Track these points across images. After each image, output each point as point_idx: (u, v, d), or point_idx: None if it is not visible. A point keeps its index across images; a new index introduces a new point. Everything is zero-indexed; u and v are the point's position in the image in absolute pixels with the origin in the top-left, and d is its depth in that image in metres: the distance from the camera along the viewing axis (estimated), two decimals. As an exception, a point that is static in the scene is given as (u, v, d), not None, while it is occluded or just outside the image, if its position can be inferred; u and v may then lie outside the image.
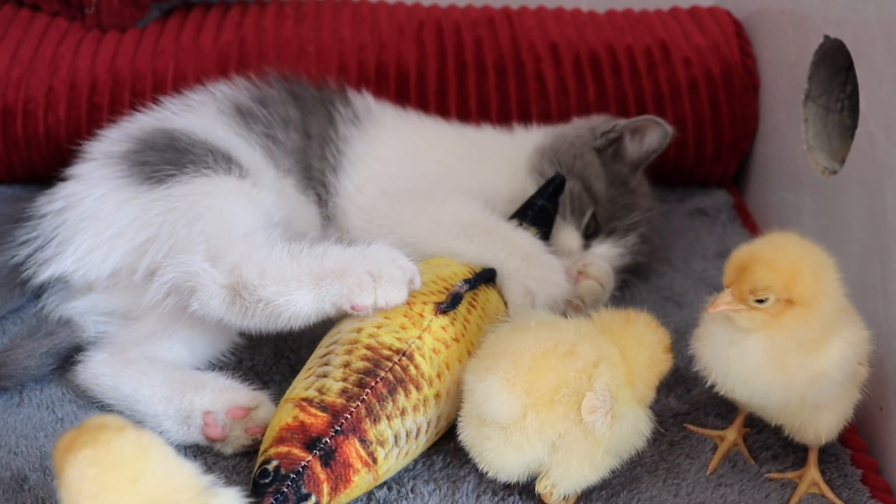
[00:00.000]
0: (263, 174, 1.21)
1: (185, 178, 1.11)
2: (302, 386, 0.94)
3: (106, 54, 1.49)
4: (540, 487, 0.92)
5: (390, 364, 0.95)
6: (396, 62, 1.51)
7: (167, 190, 1.11)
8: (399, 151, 1.30)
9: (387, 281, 0.98)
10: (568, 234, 1.27)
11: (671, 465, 1.03)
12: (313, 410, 0.91)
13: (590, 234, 1.29)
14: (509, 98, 1.50)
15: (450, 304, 1.01)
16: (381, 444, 0.92)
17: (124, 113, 1.42)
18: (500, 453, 0.91)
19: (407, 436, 0.95)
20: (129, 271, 1.12)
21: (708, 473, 1.02)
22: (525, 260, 1.13)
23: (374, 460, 0.91)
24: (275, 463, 0.88)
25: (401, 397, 0.94)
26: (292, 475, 0.87)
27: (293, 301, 0.98)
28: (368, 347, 0.95)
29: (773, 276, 0.91)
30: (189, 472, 0.76)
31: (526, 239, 1.17)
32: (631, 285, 1.33)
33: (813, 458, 1.01)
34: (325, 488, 0.88)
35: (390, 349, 0.96)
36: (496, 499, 0.97)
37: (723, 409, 1.10)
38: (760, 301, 0.91)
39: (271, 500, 0.86)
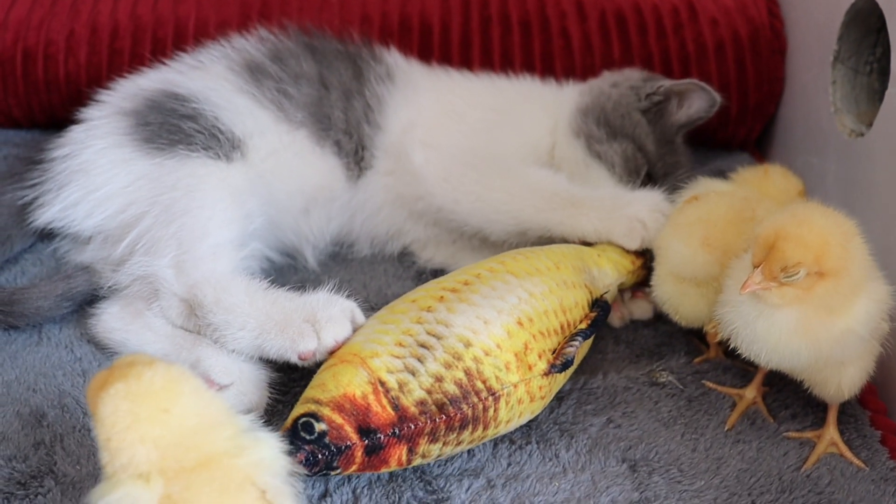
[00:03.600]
0: (271, 131, 1.21)
1: (178, 156, 1.13)
2: (385, 364, 0.90)
3: (128, 0, 1.48)
4: (709, 328, 1.06)
5: (477, 400, 0.91)
6: (420, 15, 1.49)
7: (159, 163, 1.13)
8: (439, 114, 1.29)
9: (326, 322, 0.97)
10: None
11: (689, 420, 1.03)
12: (384, 402, 0.88)
13: None
14: (533, 54, 1.49)
15: (561, 367, 0.97)
16: (424, 457, 0.91)
17: (145, 58, 1.42)
18: (695, 306, 1.07)
19: (450, 455, 0.94)
20: (109, 240, 1.13)
21: (726, 430, 1.02)
22: (620, 206, 1.16)
23: (409, 462, 0.90)
24: (323, 426, 0.86)
25: (467, 433, 0.92)
26: (333, 447, 0.86)
27: (237, 337, 1.00)
28: (467, 372, 0.91)
29: (802, 251, 0.90)
30: (224, 409, 0.76)
31: (612, 190, 1.20)
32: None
33: (832, 417, 1.00)
34: (353, 468, 0.88)
35: (485, 384, 0.91)
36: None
37: (742, 368, 1.09)
38: (790, 276, 0.91)
39: (303, 458, 0.85)
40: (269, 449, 0.76)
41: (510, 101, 1.34)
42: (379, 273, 1.26)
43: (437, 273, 1.26)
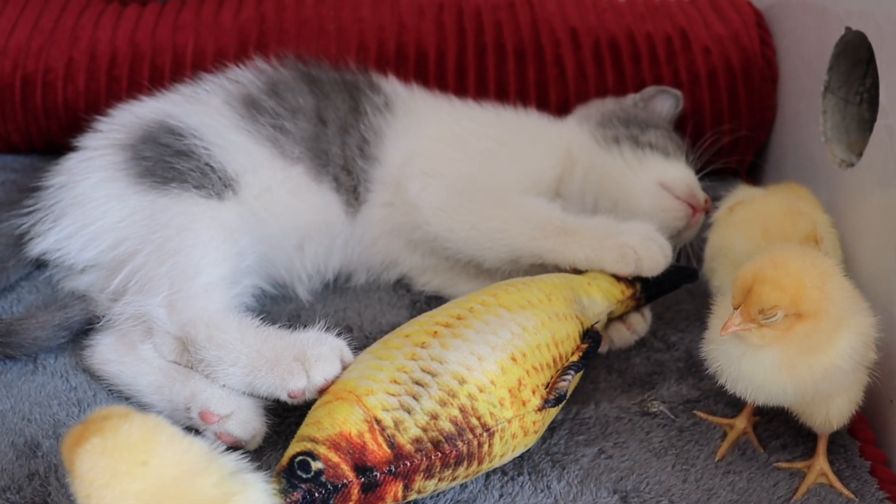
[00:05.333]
0: (265, 168, 1.21)
1: (171, 194, 1.14)
2: (381, 401, 0.90)
3: (126, 27, 1.50)
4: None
5: (472, 437, 0.92)
6: (416, 43, 1.50)
7: (152, 200, 1.13)
8: (441, 143, 1.30)
9: (316, 360, 0.98)
10: (685, 170, 1.34)
11: (680, 451, 1.03)
12: (380, 440, 0.88)
13: None
14: (528, 82, 1.50)
15: (554, 402, 0.97)
16: (420, 492, 0.91)
17: (143, 86, 1.43)
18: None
19: (444, 490, 0.95)
20: (103, 273, 1.14)
21: (716, 460, 1.02)
22: (612, 235, 1.17)
23: (404, 498, 0.91)
24: (320, 465, 0.86)
25: (462, 469, 0.92)
26: (330, 486, 0.86)
27: (228, 373, 1.01)
28: (462, 409, 0.91)
29: (778, 294, 0.92)
30: (203, 454, 0.75)
31: (604, 220, 1.21)
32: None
33: (822, 448, 1.01)
34: None
35: (479, 421, 0.92)
36: None
37: (733, 397, 1.09)
38: (768, 318, 0.92)
39: (300, 496, 0.85)
40: (259, 494, 0.76)
41: (515, 134, 1.34)
42: (373, 301, 1.26)
43: (432, 300, 1.27)
